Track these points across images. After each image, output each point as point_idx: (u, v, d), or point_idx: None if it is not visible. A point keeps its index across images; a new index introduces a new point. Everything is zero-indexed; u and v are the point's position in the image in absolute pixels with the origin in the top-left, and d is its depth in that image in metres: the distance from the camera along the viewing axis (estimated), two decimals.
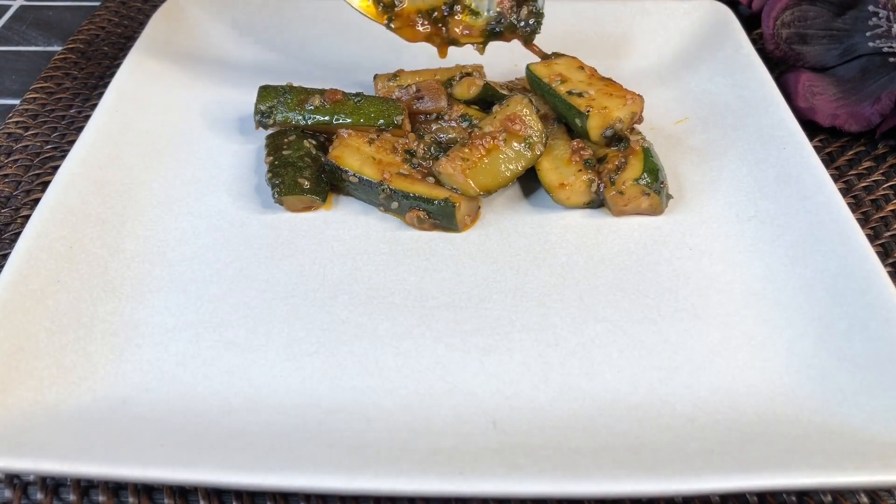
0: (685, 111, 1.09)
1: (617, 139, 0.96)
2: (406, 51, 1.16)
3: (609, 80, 1.01)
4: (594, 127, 0.95)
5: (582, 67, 1.02)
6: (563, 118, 0.99)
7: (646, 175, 0.90)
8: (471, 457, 0.67)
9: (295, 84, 1.03)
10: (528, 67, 1.03)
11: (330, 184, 0.96)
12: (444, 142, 0.96)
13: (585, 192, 0.93)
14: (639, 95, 0.98)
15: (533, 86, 1.03)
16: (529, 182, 0.97)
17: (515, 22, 0.98)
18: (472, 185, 0.90)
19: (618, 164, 0.93)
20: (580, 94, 0.97)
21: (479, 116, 1.01)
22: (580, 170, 0.93)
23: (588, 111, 0.94)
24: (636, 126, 0.99)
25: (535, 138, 0.92)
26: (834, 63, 1.13)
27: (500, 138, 0.92)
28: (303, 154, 0.96)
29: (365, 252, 0.89)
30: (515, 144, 0.92)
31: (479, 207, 0.94)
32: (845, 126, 1.07)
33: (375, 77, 1.09)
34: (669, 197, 0.94)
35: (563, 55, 1.04)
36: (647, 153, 0.92)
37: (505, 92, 1.02)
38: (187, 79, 1.14)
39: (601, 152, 0.96)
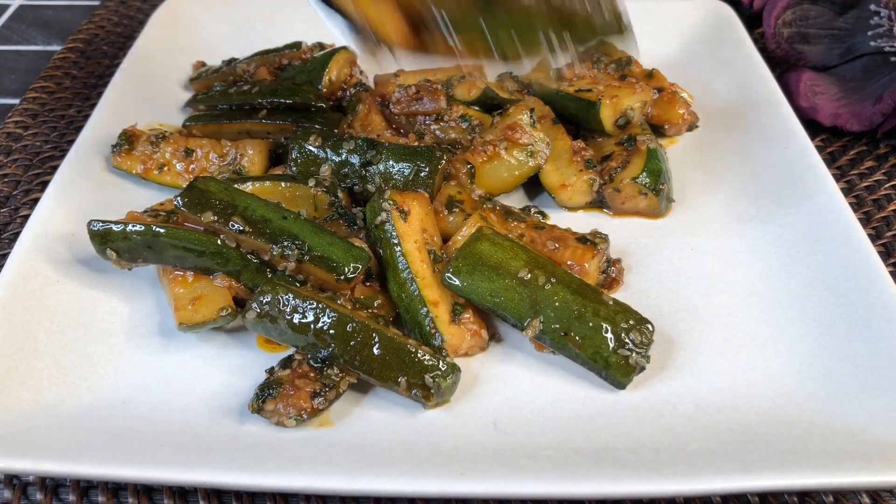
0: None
1: (629, 139, 0.96)
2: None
3: (611, 76, 1.01)
4: (607, 116, 0.95)
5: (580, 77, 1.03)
6: (574, 118, 0.99)
7: (645, 174, 0.90)
8: (471, 457, 0.66)
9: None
10: (534, 82, 1.04)
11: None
12: (444, 142, 0.96)
13: (587, 192, 0.93)
14: (647, 86, 0.98)
15: (537, 93, 1.03)
16: (532, 184, 0.96)
17: None
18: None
19: (621, 161, 0.93)
20: (589, 90, 0.97)
21: (479, 117, 1.00)
22: (581, 170, 0.93)
23: (599, 101, 0.95)
24: (646, 126, 1.00)
25: (536, 147, 0.92)
26: (835, 62, 1.13)
27: (501, 147, 0.92)
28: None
29: None
30: (516, 153, 0.92)
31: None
32: (847, 125, 1.07)
33: (376, 77, 1.09)
34: (671, 200, 0.93)
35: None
36: (652, 154, 0.92)
37: (505, 95, 1.02)
38: (186, 79, 1.13)
39: (607, 149, 0.96)
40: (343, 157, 0.88)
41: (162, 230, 0.78)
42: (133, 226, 0.78)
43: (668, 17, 1.21)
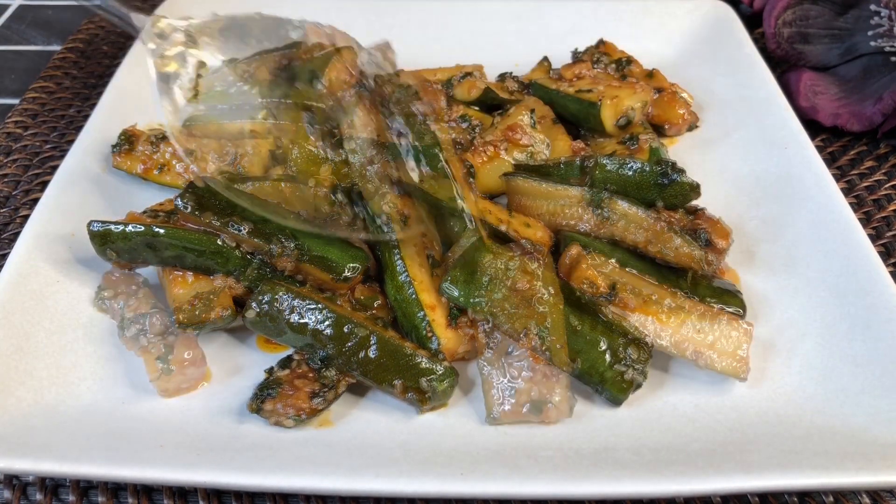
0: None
1: (631, 137, 0.95)
2: (407, 51, 1.16)
3: (612, 76, 1.02)
4: (608, 117, 0.95)
5: (580, 77, 1.04)
6: (574, 118, 0.99)
7: None
8: (471, 457, 0.66)
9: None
10: (534, 83, 1.04)
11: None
12: (444, 142, 0.96)
13: None
14: (647, 86, 0.98)
15: (537, 93, 1.03)
16: None
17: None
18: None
19: None
20: (589, 91, 0.97)
21: (479, 117, 1.00)
22: None
23: (600, 101, 0.95)
24: (647, 125, 1.00)
25: (536, 148, 0.92)
26: (836, 62, 1.13)
27: (501, 147, 0.92)
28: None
29: None
30: (517, 154, 0.92)
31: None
32: (847, 125, 1.07)
33: (376, 77, 1.09)
34: None
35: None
36: (655, 153, 0.92)
37: (505, 95, 1.02)
38: None
39: (608, 149, 0.96)
40: (343, 157, 0.88)
41: (162, 230, 0.77)
42: (133, 226, 0.78)
43: (668, 17, 1.21)
